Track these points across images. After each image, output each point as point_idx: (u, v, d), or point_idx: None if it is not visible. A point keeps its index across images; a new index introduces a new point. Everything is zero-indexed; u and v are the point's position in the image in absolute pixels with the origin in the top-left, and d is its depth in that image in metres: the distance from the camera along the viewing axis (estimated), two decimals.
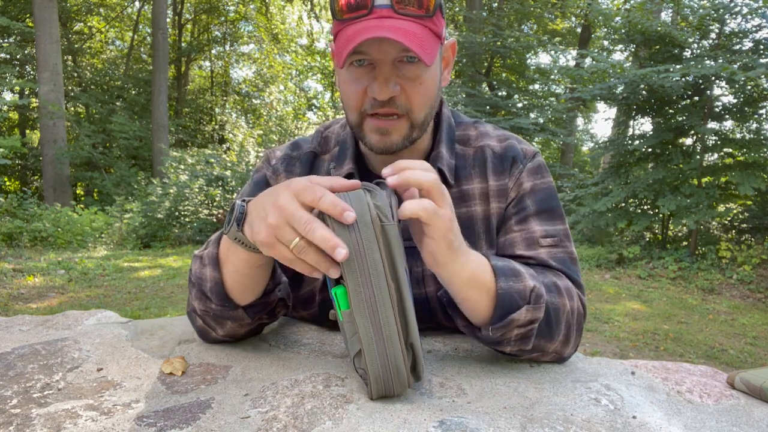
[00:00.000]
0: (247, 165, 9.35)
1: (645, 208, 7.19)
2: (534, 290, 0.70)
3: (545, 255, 0.81)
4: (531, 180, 0.86)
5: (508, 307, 0.68)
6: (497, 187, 0.86)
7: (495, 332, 0.69)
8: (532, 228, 0.83)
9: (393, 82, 0.74)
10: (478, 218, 0.86)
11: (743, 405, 0.69)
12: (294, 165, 0.92)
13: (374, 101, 0.75)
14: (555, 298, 0.74)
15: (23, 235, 8.02)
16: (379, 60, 0.73)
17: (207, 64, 20.64)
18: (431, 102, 0.79)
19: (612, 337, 3.96)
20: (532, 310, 0.69)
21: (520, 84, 13.37)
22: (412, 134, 0.79)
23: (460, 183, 0.86)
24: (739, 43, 6.62)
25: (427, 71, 0.75)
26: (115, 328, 0.88)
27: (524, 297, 0.69)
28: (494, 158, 0.87)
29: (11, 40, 14.13)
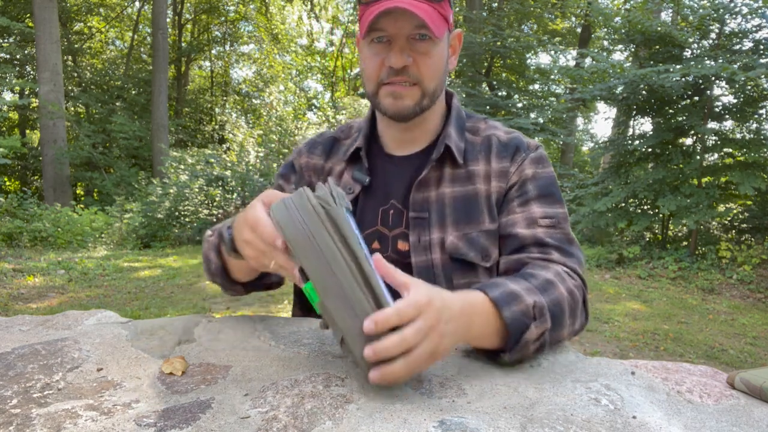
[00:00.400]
0: (247, 165, 9.35)
1: (645, 208, 7.19)
2: (536, 305, 0.74)
3: (542, 234, 0.88)
4: (533, 167, 0.94)
5: (518, 331, 0.72)
6: (499, 169, 0.94)
7: (513, 355, 0.74)
8: (533, 209, 0.90)
9: (406, 53, 0.85)
10: (481, 195, 0.94)
11: (743, 405, 0.69)
12: (316, 147, 1.05)
13: (390, 70, 0.86)
14: (552, 294, 0.77)
15: (23, 235, 8.02)
16: (395, 35, 0.84)
17: (207, 64, 20.66)
18: (440, 75, 0.90)
19: (612, 337, 3.96)
20: (539, 324, 0.74)
21: (520, 84, 13.37)
22: (422, 101, 0.89)
23: (467, 164, 0.95)
24: (739, 43, 6.62)
25: (436, 47, 0.86)
26: (115, 328, 0.88)
27: (529, 315, 0.73)
28: (499, 145, 0.96)
29: (11, 40, 14.13)
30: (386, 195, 0.96)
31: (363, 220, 0.96)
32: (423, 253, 0.92)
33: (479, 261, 0.92)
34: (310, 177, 1.03)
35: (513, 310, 0.72)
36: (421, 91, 0.88)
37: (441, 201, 0.93)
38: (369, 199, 0.97)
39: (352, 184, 0.98)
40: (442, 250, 0.92)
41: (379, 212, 0.96)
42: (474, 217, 0.92)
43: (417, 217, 0.91)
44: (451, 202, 0.93)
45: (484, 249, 0.92)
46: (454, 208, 0.93)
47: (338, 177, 1.00)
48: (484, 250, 0.92)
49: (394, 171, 0.98)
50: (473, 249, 0.92)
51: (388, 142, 1.00)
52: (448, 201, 0.93)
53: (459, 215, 0.92)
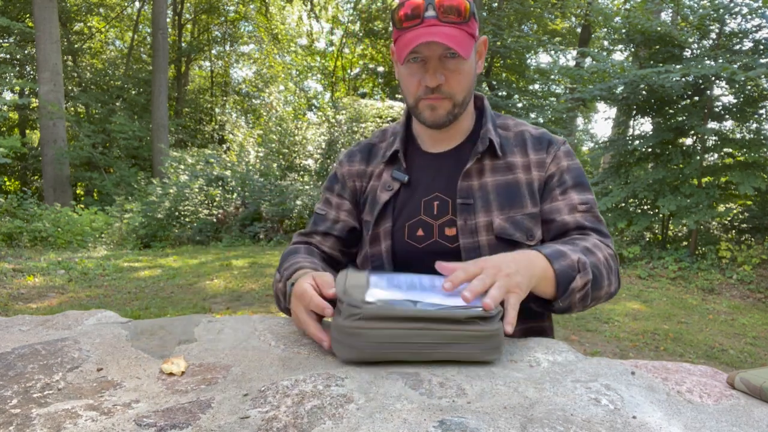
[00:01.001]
0: (247, 165, 9.35)
1: (645, 208, 7.19)
2: (579, 261, 0.90)
3: (581, 218, 1.04)
4: (567, 160, 1.09)
5: (566, 281, 0.88)
6: (537, 160, 1.07)
7: (563, 302, 0.90)
8: (572, 197, 1.05)
9: (439, 73, 0.97)
10: (522, 183, 1.06)
11: (743, 405, 0.69)
12: (355, 156, 1.17)
13: (426, 88, 0.99)
14: (592, 258, 0.94)
15: (23, 235, 8.03)
16: (429, 57, 0.97)
17: (207, 64, 20.65)
18: (469, 86, 1.02)
19: (612, 337, 3.96)
20: (583, 275, 0.90)
21: (520, 84, 13.37)
22: (454, 110, 1.02)
23: (506, 156, 1.07)
24: (739, 43, 6.62)
25: (464, 64, 0.98)
26: (115, 328, 0.88)
27: (574, 268, 0.89)
28: (533, 139, 1.09)
29: (11, 40, 14.13)
30: (428, 188, 1.07)
31: (405, 211, 1.07)
32: (470, 235, 1.03)
33: (524, 240, 1.04)
34: (354, 183, 1.15)
35: (561, 263, 0.88)
36: (453, 103, 1.01)
37: (484, 189, 1.04)
38: (411, 192, 1.08)
39: (391, 182, 1.09)
40: (487, 232, 1.03)
41: (421, 204, 1.06)
42: (517, 202, 1.04)
43: (463, 203, 1.03)
44: (494, 189, 1.04)
45: (529, 229, 1.04)
46: (497, 194, 1.04)
47: (378, 177, 1.13)
48: (528, 230, 1.04)
49: (433, 166, 1.09)
50: (519, 230, 1.04)
51: (425, 141, 1.12)
52: (491, 188, 1.05)
53: (503, 200, 1.04)
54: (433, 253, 1.03)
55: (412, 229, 1.06)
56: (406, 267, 1.03)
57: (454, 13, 0.94)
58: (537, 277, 0.85)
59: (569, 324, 4.25)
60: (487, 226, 1.02)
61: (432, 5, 0.94)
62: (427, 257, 1.00)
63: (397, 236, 1.06)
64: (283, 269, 1.01)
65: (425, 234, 1.05)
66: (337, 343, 0.74)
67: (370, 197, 1.12)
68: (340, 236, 1.15)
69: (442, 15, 0.94)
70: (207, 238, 8.50)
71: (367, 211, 1.12)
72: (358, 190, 1.15)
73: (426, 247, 1.04)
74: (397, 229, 1.06)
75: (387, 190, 1.09)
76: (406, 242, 1.05)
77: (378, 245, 1.08)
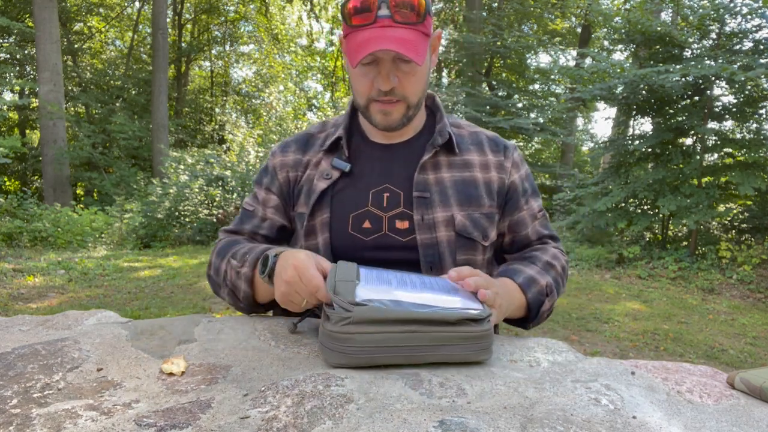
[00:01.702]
0: (247, 165, 9.35)
1: (645, 208, 7.19)
2: (547, 285, 1.00)
3: (539, 226, 1.11)
4: (524, 167, 1.11)
5: (537, 306, 0.99)
6: (496, 162, 1.07)
7: (535, 323, 1.03)
8: (532, 206, 1.10)
9: (393, 75, 0.93)
10: (479, 182, 1.04)
11: (743, 405, 0.69)
12: (289, 146, 1.10)
13: (379, 91, 0.94)
14: (552, 272, 1.04)
15: (23, 235, 8.02)
16: (382, 59, 0.92)
17: (207, 64, 20.65)
18: (423, 87, 0.99)
19: (612, 337, 3.96)
20: (550, 298, 1.01)
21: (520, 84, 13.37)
22: (408, 113, 0.98)
23: (462, 153, 1.05)
24: (739, 43, 6.62)
25: (418, 66, 0.93)
26: (115, 328, 0.88)
27: (543, 293, 1.00)
28: (489, 141, 1.09)
29: (11, 40, 14.13)
30: (378, 179, 1.02)
31: (348, 202, 1.01)
32: (427, 230, 0.99)
33: (480, 240, 1.03)
34: (287, 173, 1.07)
35: (533, 291, 0.98)
36: (407, 105, 0.97)
37: (441, 184, 1.01)
38: (354, 182, 1.02)
39: (330, 171, 1.03)
40: (447, 228, 1.00)
41: (369, 194, 1.00)
42: (475, 200, 1.03)
43: (420, 196, 0.99)
44: (452, 185, 1.01)
45: (484, 229, 1.03)
46: (456, 190, 1.01)
47: (315, 166, 1.06)
48: (484, 230, 1.03)
49: (384, 157, 1.04)
50: (477, 229, 1.02)
51: (371, 132, 1.07)
52: (448, 184, 1.01)
53: (462, 197, 1.01)
54: (382, 246, 0.98)
55: (358, 221, 0.99)
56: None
57: (408, 12, 0.88)
58: (514, 306, 0.96)
59: (569, 324, 4.25)
60: (447, 221, 0.99)
61: (386, 3, 0.88)
62: (374, 251, 0.98)
63: (337, 228, 0.99)
64: (240, 255, 0.96)
65: (373, 226, 0.99)
66: (327, 350, 0.73)
67: (306, 187, 1.04)
68: (269, 236, 1.08)
69: (396, 15, 0.88)
70: (207, 238, 8.50)
71: (301, 203, 1.05)
72: (291, 181, 1.07)
73: (374, 240, 0.98)
74: (337, 221, 1.00)
75: (325, 179, 1.02)
76: (349, 234, 0.98)
77: (314, 238, 1.01)
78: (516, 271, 1.00)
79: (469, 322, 0.74)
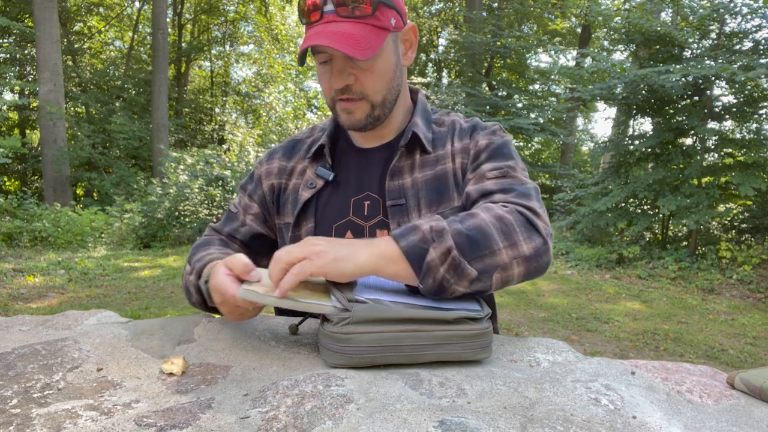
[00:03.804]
0: (247, 165, 9.35)
1: (645, 208, 7.19)
2: (432, 229, 0.75)
3: (490, 184, 0.89)
4: (486, 138, 0.97)
5: (418, 256, 0.73)
6: (461, 147, 0.98)
7: (426, 282, 0.74)
8: (482, 168, 0.93)
9: (346, 73, 0.88)
10: (449, 174, 0.97)
11: (743, 405, 0.69)
12: (276, 153, 1.08)
13: (336, 89, 0.90)
14: (466, 221, 0.77)
15: (23, 235, 8.02)
16: (335, 56, 0.88)
17: (207, 64, 20.65)
18: (386, 84, 0.92)
19: (612, 337, 3.96)
20: (438, 245, 0.74)
21: (520, 84, 13.38)
22: (373, 112, 0.92)
23: (437, 150, 0.99)
24: (739, 43, 6.62)
25: (376, 61, 0.88)
26: (115, 328, 0.88)
27: (426, 240, 0.74)
28: (460, 129, 1.02)
29: (11, 40, 14.13)
30: (359, 186, 0.98)
31: (332, 211, 0.98)
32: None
33: None
34: (271, 181, 1.05)
35: (409, 239, 0.74)
36: (370, 104, 0.91)
37: (416, 186, 0.96)
38: (338, 191, 0.99)
39: (314, 180, 1.00)
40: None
41: (350, 203, 0.98)
42: (446, 196, 0.95)
43: (394, 204, 0.94)
44: (425, 185, 0.96)
45: None
46: (427, 190, 0.95)
47: (301, 175, 1.03)
48: None
49: (363, 163, 1.00)
50: None
51: (355, 137, 1.03)
52: (421, 185, 0.96)
53: (432, 196, 0.95)
54: None
55: (340, 232, 0.97)
56: None
57: (353, 6, 0.83)
58: (376, 253, 0.73)
59: (569, 324, 4.25)
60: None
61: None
62: None
63: None
64: (194, 261, 0.94)
65: (355, 237, 0.96)
66: (327, 350, 0.73)
67: (291, 197, 1.02)
68: (244, 241, 1.06)
69: (340, 9, 0.83)
70: None
71: (287, 212, 1.02)
72: (276, 190, 1.04)
73: None
74: (321, 231, 0.97)
75: (309, 188, 0.99)
76: None
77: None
78: (398, 229, 0.80)
79: (468, 321, 0.74)
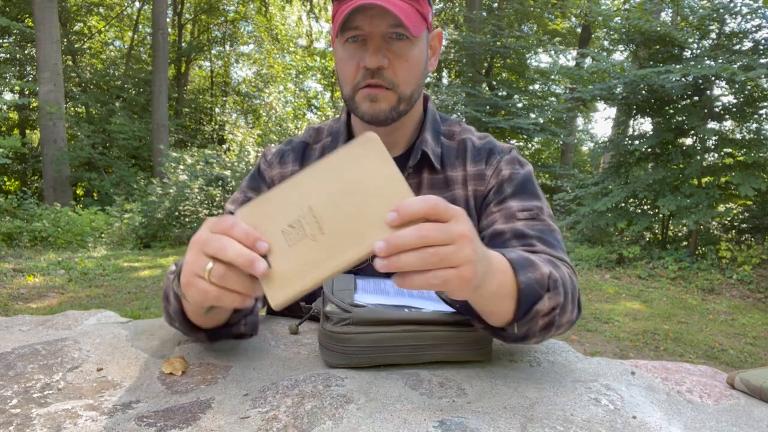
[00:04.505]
0: (247, 165, 9.35)
1: (645, 208, 7.19)
2: (551, 276, 0.68)
3: (522, 226, 0.83)
4: (509, 168, 0.92)
5: (531, 299, 0.66)
6: (475, 173, 0.93)
7: (521, 328, 0.67)
8: (510, 205, 0.87)
9: (382, 54, 0.81)
10: (460, 200, 0.93)
11: (743, 405, 0.69)
12: (287, 156, 1.00)
13: (365, 72, 0.82)
14: (560, 272, 0.72)
15: (23, 235, 8.02)
16: (371, 33, 0.81)
17: (207, 64, 20.65)
18: (417, 79, 0.87)
19: (612, 337, 3.96)
20: (553, 297, 0.68)
21: (520, 84, 13.37)
22: (399, 106, 0.86)
23: (446, 170, 0.94)
24: (739, 43, 6.62)
25: (413, 49, 0.83)
26: (115, 328, 0.88)
27: (543, 285, 0.67)
28: (473, 149, 0.95)
29: (11, 40, 14.13)
30: None
31: None
32: None
33: None
34: None
35: (528, 276, 0.65)
36: (398, 96, 0.85)
37: None
38: None
39: None
40: None
41: None
42: None
43: None
44: None
45: None
46: None
47: None
48: None
49: None
50: None
51: None
52: None
53: None
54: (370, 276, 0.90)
55: None
56: None
57: None
58: (496, 282, 0.61)
59: None
60: None
61: None
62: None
63: None
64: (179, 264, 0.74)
65: None
66: (327, 350, 0.73)
67: None
68: None
69: None
70: None
71: None
72: None
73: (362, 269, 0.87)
74: None
75: None
76: None
77: None
78: (506, 250, 0.70)
79: (468, 323, 0.74)
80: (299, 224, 0.51)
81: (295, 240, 0.51)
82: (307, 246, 0.51)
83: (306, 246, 0.51)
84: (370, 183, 0.50)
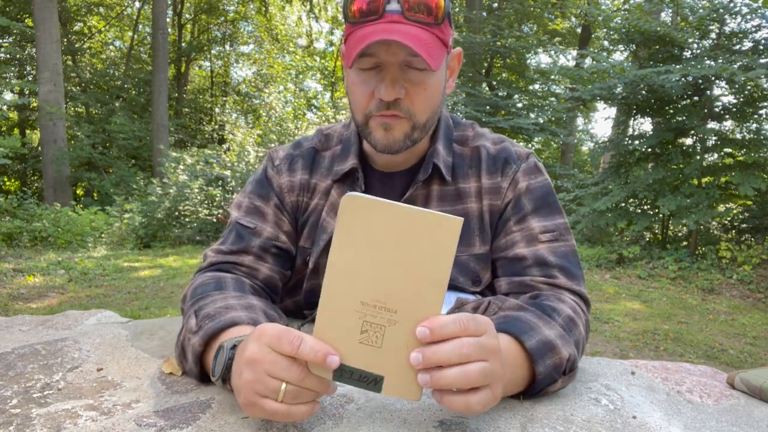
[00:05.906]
0: (247, 165, 9.35)
1: (645, 208, 7.19)
2: (569, 359, 0.67)
3: (545, 251, 0.81)
4: (527, 180, 0.87)
5: (545, 384, 0.66)
6: (490, 185, 0.88)
7: (528, 398, 0.68)
8: (531, 225, 0.84)
9: (399, 84, 0.76)
10: (473, 215, 0.88)
11: (743, 405, 0.69)
12: (296, 162, 0.94)
13: (380, 102, 0.77)
14: (575, 337, 0.71)
15: (23, 235, 8.02)
16: (387, 62, 0.75)
17: (207, 64, 20.65)
18: (434, 107, 0.82)
19: (612, 337, 3.96)
20: (567, 379, 0.69)
21: (520, 84, 13.37)
22: (413, 134, 0.81)
23: (458, 181, 0.89)
24: (739, 43, 6.62)
25: (431, 77, 0.78)
26: (115, 328, 0.88)
27: (560, 371, 0.67)
28: (488, 158, 0.90)
29: (11, 40, 14.13)
30: None
31: None
32: None
33: (469, 286, 0.87)
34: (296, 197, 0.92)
35: (547, 364, 0.65)
36: (412, 124, 0.80)
37: None
38: None
39: None
40: None
41: None
42: (465, 240, 0.86)
43: None
44: None
45: (474, 273, 0.87)
46: None
47: (325, 195, 0.90)
48: (474, 275, 0.87)
49: (390, 189, 0.90)
50: (463, 274, 0.86)
51: (373, 158, 0.92)
52: None
53: None
54: None
55: None
56: None
57: (423, 11, 0.73)
58: (513, 386, 0.63)
59: None
60: None
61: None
62: None
63: None
64: (201, 315, 0.69)
65: None
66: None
67: (312, 219, 0.91)
68: (279, 256, 0.89)
69: (408, 11, 0.73)
70: (207, 238, 8.51)
71: (306, 236, 0.91)
72: (299, 207, 0.92)
73: None
74: None
75: None
76: None
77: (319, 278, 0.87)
78: (528, 329, 0.66)
79: None
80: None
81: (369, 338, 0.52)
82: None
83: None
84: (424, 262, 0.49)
